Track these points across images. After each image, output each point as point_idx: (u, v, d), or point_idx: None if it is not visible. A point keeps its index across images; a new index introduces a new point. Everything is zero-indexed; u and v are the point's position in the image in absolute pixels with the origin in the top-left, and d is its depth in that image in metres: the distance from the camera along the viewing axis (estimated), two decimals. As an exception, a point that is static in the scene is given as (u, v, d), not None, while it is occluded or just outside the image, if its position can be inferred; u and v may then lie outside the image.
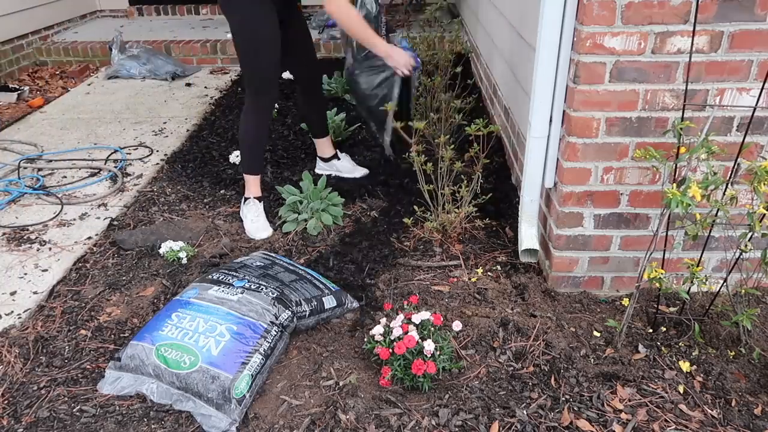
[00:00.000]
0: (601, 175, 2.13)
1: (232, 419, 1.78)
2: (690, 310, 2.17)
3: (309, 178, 2.89)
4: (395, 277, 2.45)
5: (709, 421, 1.79)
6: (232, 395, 1.79)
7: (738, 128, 2.03)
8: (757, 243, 2.00)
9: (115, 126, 4.17)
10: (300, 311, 2.09)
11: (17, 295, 2.44)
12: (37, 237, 2.84)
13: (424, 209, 2.78)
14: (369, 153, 3.56)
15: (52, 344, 2.16)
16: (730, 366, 1.97)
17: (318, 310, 2.15)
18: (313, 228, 2.75)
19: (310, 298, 2.15)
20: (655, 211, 2.19)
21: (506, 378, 1.94)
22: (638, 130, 2.05)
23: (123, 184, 3.33)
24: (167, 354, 1.89)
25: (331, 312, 2.20)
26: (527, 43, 2.59)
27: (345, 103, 4.34)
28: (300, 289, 2.18)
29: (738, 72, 1.95)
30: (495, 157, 3.24)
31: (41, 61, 5.68)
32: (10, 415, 1.87)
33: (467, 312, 2.22)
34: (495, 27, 3.60)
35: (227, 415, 1.78)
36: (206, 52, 5.52)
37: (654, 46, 1.92)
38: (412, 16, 6.15)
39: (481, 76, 4.24)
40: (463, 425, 1.77)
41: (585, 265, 2.30)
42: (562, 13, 1.98)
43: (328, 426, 1.79)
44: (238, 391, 1.80)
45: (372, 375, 1.97)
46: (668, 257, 2.16)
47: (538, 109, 2.16)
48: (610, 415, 1.80)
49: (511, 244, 2.62)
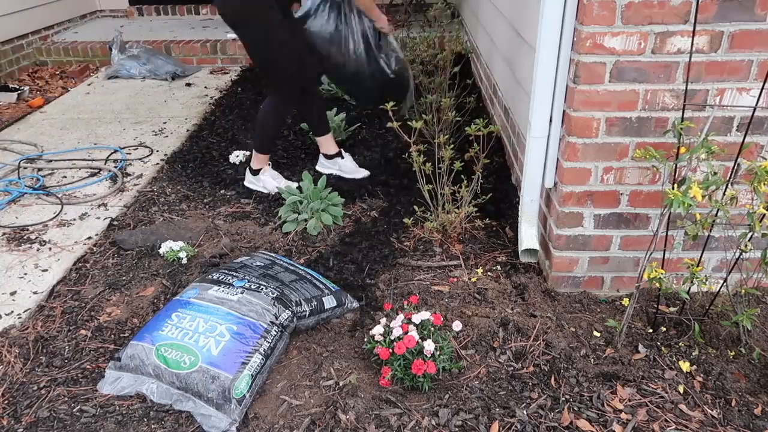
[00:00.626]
0: (601, 175, 2.13)
1: (232, 419, 1.78)
2: (690, 310, 2.17)
3: (309, 178, 2.89)
4: (395, 277, 2.45)
5: (709, 421, 1.79)
6: (232, 395, 1.79)
7: (738, 128, 2.03)
8: (757, 243, 2.00)
9: (115, 126, 4.17)
10: (300, 311, 2.09)
11: (17, 295, 2.44)
12: (37, 237, 2.84)
13: (424, 209, 2.78)
14: (369, 153, 3.56)
15: (52, 344, 2.16)
16: (730, 366, 1.97)
17: (318, 310, 2.15)
18: (313, 228, 2.75)
19: (310, 298, 2.15)
20: (655, 211, 2.19)
21: (506, 378, 1.94)
22: (638, 130, 2.05)
23: (123, 184, 3.33)
24: (167, 354, 1.89)
25: (331, 312, 2.20)
26: (527, 43, 2.59)
27: (345, 103, 4.34)
28: (300, 289, 2.18)
29: (738, 72, 1.95)
30: (495, 157, 3.24)
31: (41, 61, 5.68)
32: (10, 415, 1.87)
33: (467, 312, 2.22)
34: (495, 27, 3.60)
35: (227, 415, 1.78)
36: (206, 52, 5.52)
37: (654, 46, 1.92)
38: (412, 16, 6.15)
39: (481, 76, 4.24)
40: (463, 425, 1.77)
41: (585, 265, 2.30)
42: (562, 13, 1.98)
43: (328, 426, 1.79)
44: (238, 391, 1.80)
45: (372, 375, 1.97)
46: (668, 257, 2.16)
47: (538, 109, 2.16)
48: (610, 415, 1.80)
49: (511, 244, 2.62)
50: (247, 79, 5.05)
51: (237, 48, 5.47)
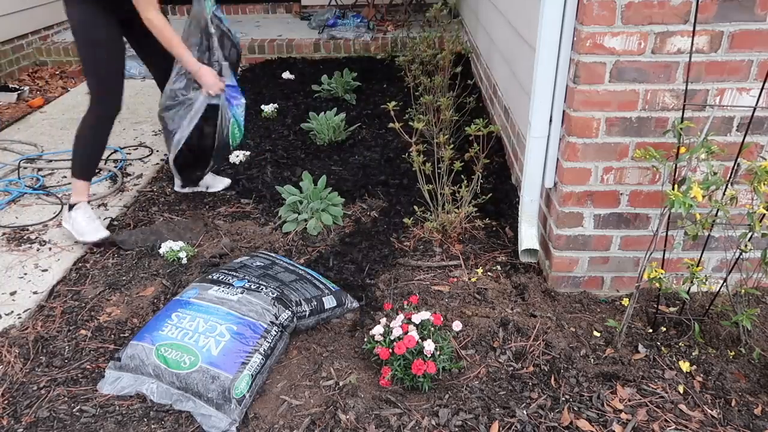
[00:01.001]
0: (601, 175, 2.13)
1: (232, 419, 1.78)
2: (690, 310, 2.17)
3: (309, 178, 2.89)
4: (395, 277, 2.45)
5: (709, 421, 1.79)
6: (232, 395, 1.79)
7: (738, 128, 2.03)
8: (757, 243, 2.00)
9: (115, 126, 4.15)
10: (300, 311, 2.09)
11: (17, 295, 2.44)
12: (37, 237, 2.84)
13: (424, 209, 2.78)
14: (369, 153, 3.56)
15: (52, 344, 2.16)
16: (730, 366, 1.97)
17: (318, 310, 2.15)
18: (313, 228, 2.75)
19: (310, 298, 2.15)
20: (655, 211, 2.19)
21: (506, 378, 1.94)
22: (638, 130, 2.05)
23: (123, 184, 3.33)
24: (167, 354, 1.89)
25: (331, 312, 2.20)
26: (527, 43, 2.59)
27: (345, 103, 4.35)
28: (300, 289, 2.18)
29: (738, 72, 1.95)
30: (495, 157, 3.24)
31: (41, 61, 5.68)
32: (10, 415, 1.87)
33: (467, 312, 2.22)
34: (495, 27, 3.60)
35: (227, 415, 1.78)
36: (206, 52, 5.51)
37: (654, 46, 1.92)
38: (411, 16, 6.15)
39: (481, 76, 4.24)
40: (463, 425, 1.77)
41: (585, 265, 2.30)
42: (562, 13, 1.98)
43: (328, 426, 1.79)
44: (238, 391, 1.80)
45: (372, 375, 1.97)
46: (668, 257, 2.16)
47: (538, 109, 2.16)
48: (610, 415, 1.80)
49: (511, 244, 2.62)
50: (247, 79, 5.05)
51: (237, 48, 5.48)
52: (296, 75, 5.01)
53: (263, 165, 3.45)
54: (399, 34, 5.55)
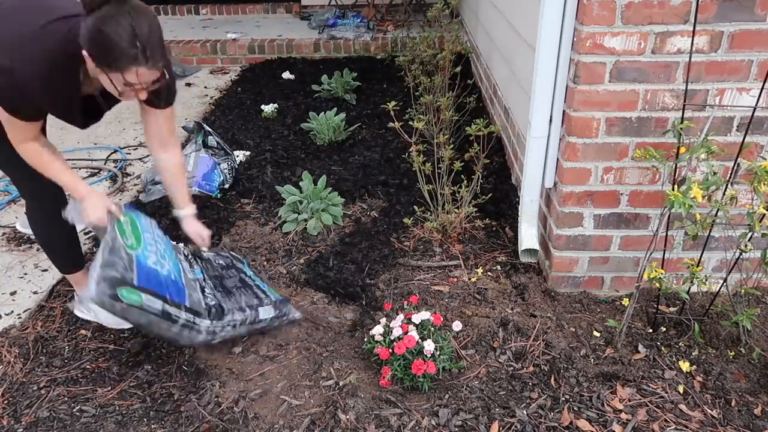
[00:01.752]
0: (601, 175, 2.14)
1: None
2: (690, 310, 2.17)
3: (309, 178, 2.89)
4: (395, 277, 2.45)
5: (709, 421, 1.79)
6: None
7: (738, 128, 2.03)
8: (757, 243, 2.00)
9: (115, 126, 4.17)
10: (231, 320, 2.02)
11: (17, 295, 2.44)
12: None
13: (424, 209, 2.78)
14: (369, 153, 3.56)
15: (52, 344, 2.16)
16: (730, 366, 1.97)
17: (252, 321, 2.07)
18: (313, 228, 2.75)
19: (245, 308, 2.08)
20: (655, 211, 2.19)
21: (506, 378, 1.94)
22: (638, 130, 2.05)
23: (123, 184, 3.33)
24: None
25: (268, 322, 2.10)
26: (527, 43, 2.59)
27: (345, 103, 4.35)
28: (239, 297, 2.12)
29: (738, 72, 1.95)
30: (495, 157, 3.24)
31: (41, 61, 5.67)
32: (10, 415, 1.87)
33: (467, 312, 2.22)
34: (495, 27, 3.60)
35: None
36: (206, 52, 5.52)
37: (654, 46, 1.92)
38: (411, 16, 6.15)
39: (481, 76, 4.24)
40: (463, 425, 1.77)
41: (585, 265, 2.31)
42: (562, 13, 1.98)
43: (328, 426, 1.79)
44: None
45: (372, 375, 1.97)
46: (668, 257, 2.16)
47: (538, 109, 2.16)
48: (610, 415, 1.80)
49: (511, 244, 2.62)
50: (247, 79, 5.05)
51: (237, 48, 5.48)
52: (296, 75, 5.01)
53: (263, 165, 3.45)
54: (399, 34, 5.55)
